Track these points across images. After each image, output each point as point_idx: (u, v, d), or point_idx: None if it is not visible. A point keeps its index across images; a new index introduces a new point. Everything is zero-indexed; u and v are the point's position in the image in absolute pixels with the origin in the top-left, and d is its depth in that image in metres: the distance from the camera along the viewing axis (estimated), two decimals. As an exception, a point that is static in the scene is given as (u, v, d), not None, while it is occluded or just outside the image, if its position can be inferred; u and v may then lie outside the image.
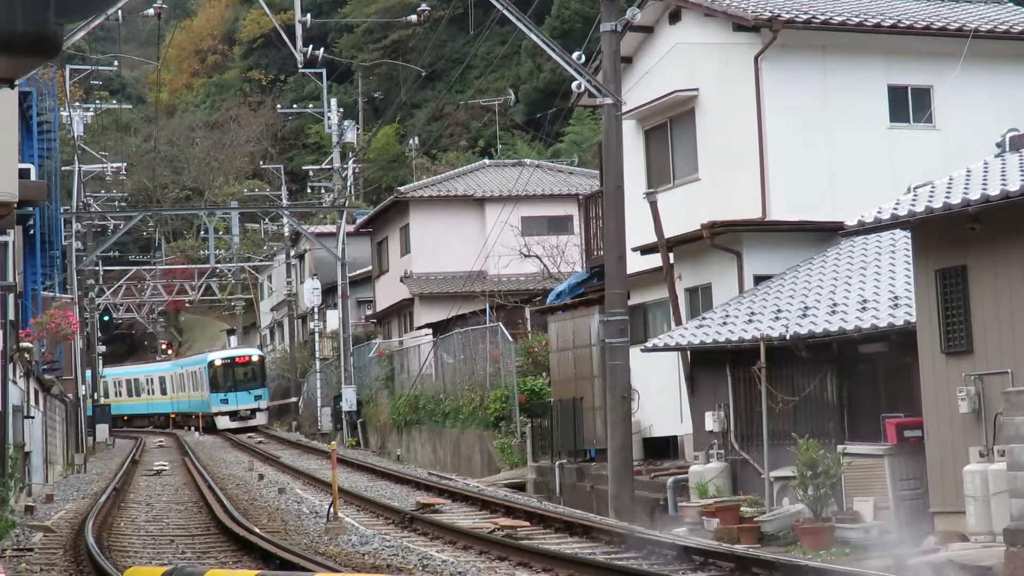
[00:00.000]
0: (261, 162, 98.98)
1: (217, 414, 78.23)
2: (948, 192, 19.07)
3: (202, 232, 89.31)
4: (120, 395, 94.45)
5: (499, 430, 37.65)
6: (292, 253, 79.18)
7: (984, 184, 18.61)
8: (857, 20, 28.55)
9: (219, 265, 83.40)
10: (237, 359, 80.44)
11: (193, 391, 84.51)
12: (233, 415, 78.06)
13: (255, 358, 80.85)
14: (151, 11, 27.04)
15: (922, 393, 19.88)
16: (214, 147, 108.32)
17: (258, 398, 79.09)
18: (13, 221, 24.60)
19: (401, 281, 55.46)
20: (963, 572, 16.68)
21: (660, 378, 29.74)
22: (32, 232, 39.36)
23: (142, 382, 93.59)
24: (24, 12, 4.09)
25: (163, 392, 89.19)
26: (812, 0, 31.00)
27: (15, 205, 7.41)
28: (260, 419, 78.24)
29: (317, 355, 68.07)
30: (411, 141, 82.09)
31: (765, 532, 21.36)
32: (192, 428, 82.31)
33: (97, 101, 76.40)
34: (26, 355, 32.09)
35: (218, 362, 79.82)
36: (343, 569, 17.59)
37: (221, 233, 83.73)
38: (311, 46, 29.11)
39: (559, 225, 53.40)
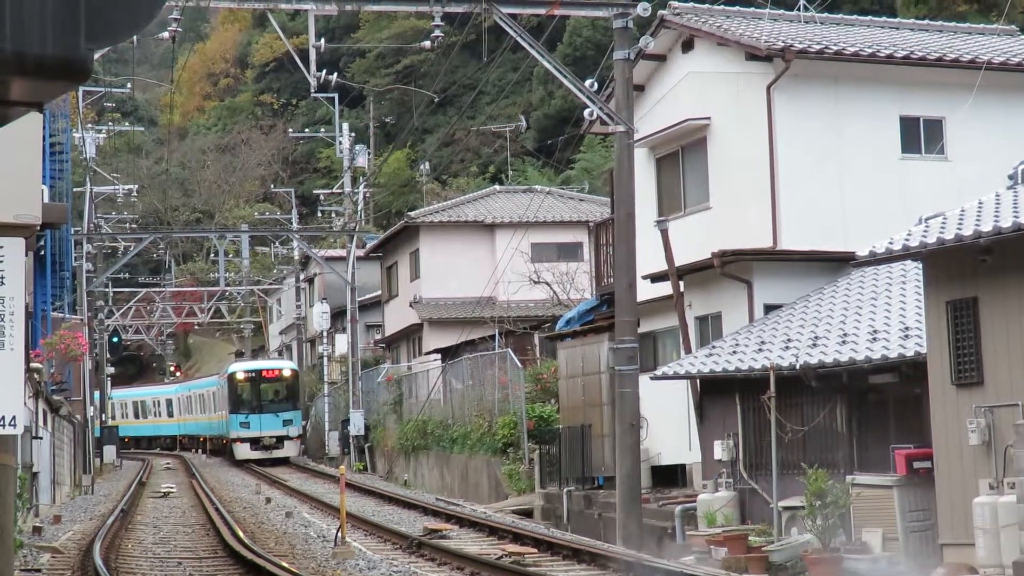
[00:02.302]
0: (272, 185, 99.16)
1: (236, 440, 64.69)
2: (959, 224, 19.09)
3: (212, 255, 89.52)
4: (129, 416, 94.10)
5: (507, 456, 37.63)
6: (302, 277, 79.18)
7: (996, 216, 18.62)
8: (870, 51, 28.59)
9: (229, 288, 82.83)
10: (264, 372, 66.91)
11: (209, 411, 75.00)
12: (255, 443, 63.93)
13: (287, 372, 67.47)
14: (165, 34, 27.06)
15: (932, 424, 19.86)
16: (225, 170, 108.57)
17: (288, 423, 64.70)
18: (35, 243, 24.67)
19: (410, 306, 55.47)
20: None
21: (669, 406, 29.72)
22: (43, 253, 39.43)
23: (150, 404, 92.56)
24: (54, 36, 4.14)
25: (174, 414, 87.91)
26: (825, 30, 31.09)
27: (38, 227, 7.48)
28: (289, 449, 64.55)
29: (325, 379, 68.12)
30: (422, 166, 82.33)
31: (773, 562, 21.32)
32: (198, 450, 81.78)
33: (109, 123, 76.67)
34: (35, 376, 32.10)
35: (240, 375, 66.50)
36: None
37: (231, 256, 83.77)
38: (324, 70, 29.10)
39: (569, 252, 53.44)
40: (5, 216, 7.32)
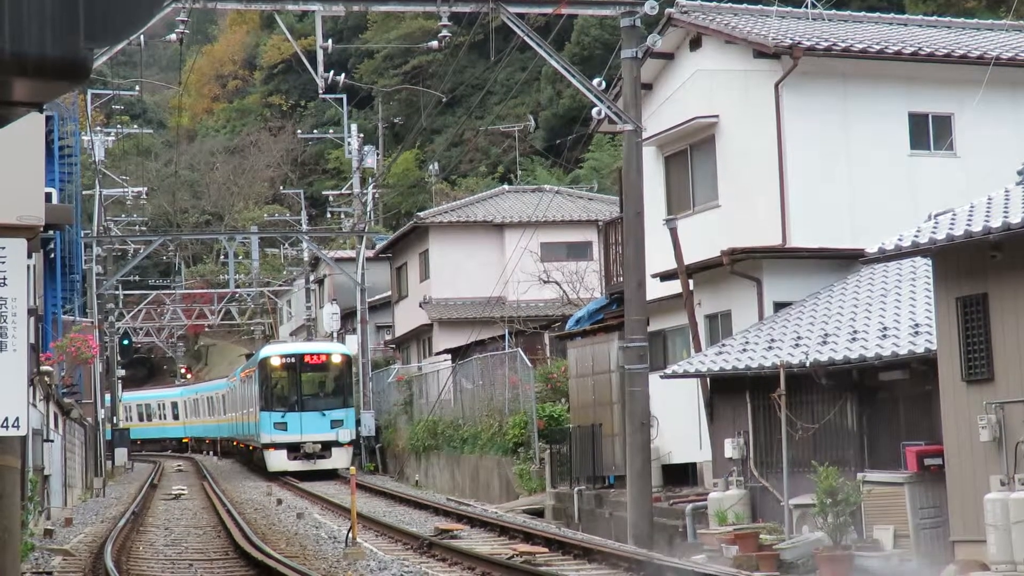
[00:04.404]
0: (281, 187, 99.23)
1: (269, 446, 51.19)
2: (969, 220, 19.04)
3: (222, 257, 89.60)
4: (145, 419, 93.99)
5: (518, 456, 37.62)
6: (311, 278, 79.16)
7: (1005, 212, 18.58)
8: (878, 47, 28.54)
9: (239, 290, 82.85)
10: (306, 358, 52.92)
11: (234, 411, 65.03)
12: (294, 450, 50.49)
13: (336, 358, 53.34)
14: (173, 36, 27.10)
15: (942, 421, 19.81)
16: (234, 172, 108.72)
17: (337, 425, 51.14)
18: (38, 245, 24.70)
19: (420, 306, 55.49)
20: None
21: (679, 405, 29.69)
22: (53, 256, 39.48)
23: (166, 406, 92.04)
24: (54, 36, 4.13)
25: (191, 415, 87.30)
26: (833, 27, 31.05)
27: (41, 228, 7.52)
28: (338, 459, 50.13)
29: (336, 380, 67.91)
30: (431, 167, 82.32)
31: (784, 560, 21.29)
32: (209, 452, 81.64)
33: (118, 125, 76.77)
34: (46, 379, 32.14)
35: (275, 361, 52.81)
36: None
37: (241, 258, 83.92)
38: (332, 72, 29.12)
39: (578, 251, 53.44)
40: (7, 217, 7.33)
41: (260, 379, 52.69)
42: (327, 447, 50.58)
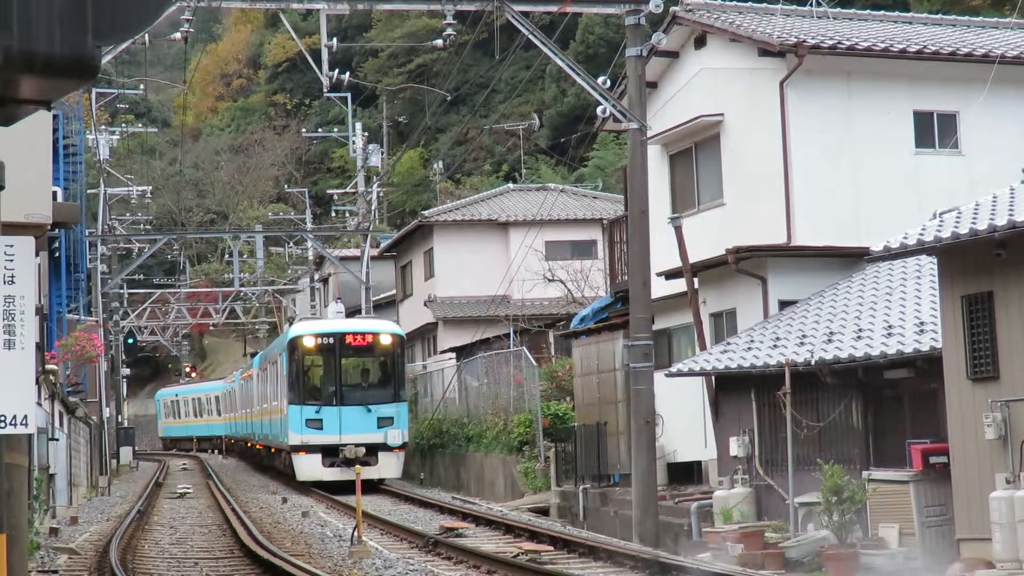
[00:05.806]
0: (285, 186, 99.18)
1: (299, 449, 40.71)
2: (974, 218, 19.04)
3: (226, 255, 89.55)
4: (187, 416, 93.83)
5: (523, 454, 37.61)
6: (316, 277, 79.15)
7: (1010, 210, 18.57)
8: (883, 46, 28.53)
9: (243, 288, 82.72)
10: (347, 338, 41.76)
11: (255, 405, 56.06)
12: (330, 454, 40.23)
13: (385, 339, 42.18)
14: (177, 35, 27.10)
15: (948, 419, 19.81)
16: (239, 171, 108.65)
17: (386, 423, 40.77)
18: (46, 243, 24.72)
19: (425, 305, 55.48)
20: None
21: (684, 403, 29.69)
22: (57, 255, 39.49)
23: (211, 400, 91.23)
24: (62, 35, 4.13)
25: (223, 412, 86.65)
26: (837, 25, 31.04)
27: (48, 227, 7.55)
28: (386, 467, 40.82)
29: (340, 378, 67.65)
30: (435, 165, 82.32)
31: (790, 558, 21.29)
32: (215, 450, 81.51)
33: (123, 124, 76.78)
34: (51, 377, 32.15)
35: (308, 342, 41.93)
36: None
37: (245, 256, 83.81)
38: (336, 70, 29.14)
39: (583, 250, 53.41)
40: (15, 215, 7.35)
41: (289, 364, 42.19)
42: (372, 451, 40.26)
